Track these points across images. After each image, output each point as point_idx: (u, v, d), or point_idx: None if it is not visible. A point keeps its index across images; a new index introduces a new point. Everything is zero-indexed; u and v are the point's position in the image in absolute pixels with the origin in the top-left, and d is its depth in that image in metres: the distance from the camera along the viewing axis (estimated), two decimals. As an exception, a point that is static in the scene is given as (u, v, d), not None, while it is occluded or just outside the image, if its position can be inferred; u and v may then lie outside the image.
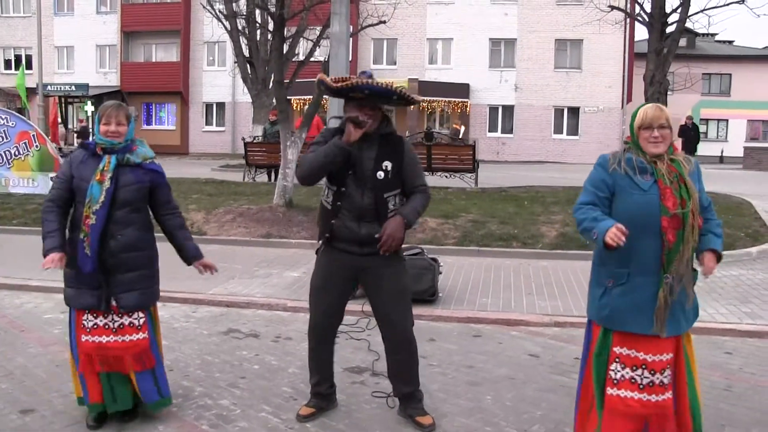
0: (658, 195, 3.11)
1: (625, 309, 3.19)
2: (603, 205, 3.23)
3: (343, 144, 3.63)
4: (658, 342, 3.18)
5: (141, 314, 3.84)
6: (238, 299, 6.81)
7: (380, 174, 3.72)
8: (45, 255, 3.60)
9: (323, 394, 4.04)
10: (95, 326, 3.73)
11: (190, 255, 4.15)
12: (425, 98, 28.93)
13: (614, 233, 2.98)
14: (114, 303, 3.72)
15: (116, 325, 3.76)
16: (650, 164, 3.17)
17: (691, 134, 23.15)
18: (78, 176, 3.67)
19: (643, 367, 3.21)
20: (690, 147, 22.40)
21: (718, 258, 3.27)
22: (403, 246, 3.94)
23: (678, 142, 21.14)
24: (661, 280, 3.14)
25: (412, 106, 4.07)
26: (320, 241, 3.97)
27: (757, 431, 3.90)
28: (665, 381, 3.22)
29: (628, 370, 3.22)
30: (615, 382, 3.24)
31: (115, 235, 3.70)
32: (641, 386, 3.20)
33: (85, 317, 3.73)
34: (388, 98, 3.72)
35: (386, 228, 3.65)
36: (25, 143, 13.57)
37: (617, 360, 3.25)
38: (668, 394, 3.22)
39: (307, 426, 3.88)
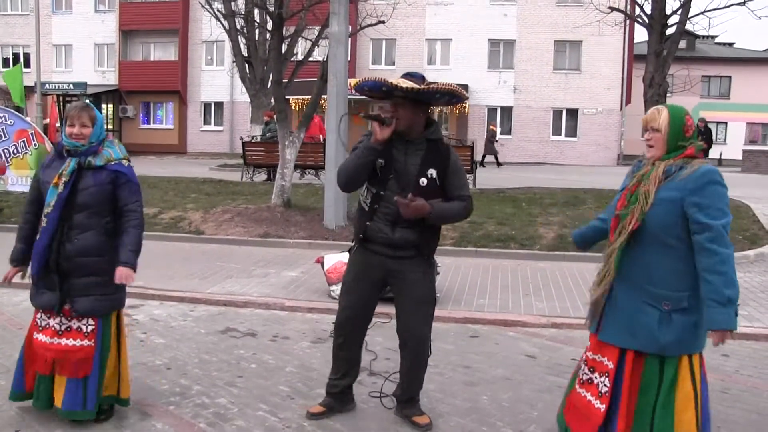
0: (619, 197, 3.17)
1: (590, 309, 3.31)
2: None
3: (372, 144, 3.59)
4: (600, 344, 3.17)
5: (91, 321, 3.72)
6: (235, 298, 6.81)
7: (423, 181, 3.65)
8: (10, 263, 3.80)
9: (338, 394, 4.01)
10: (46, 325, 3.76)
11: (118, 259, 3.69)
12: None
13: None
14: (68, 306, 3.68)
15: (63, 327, 3.71)
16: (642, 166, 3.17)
17: (702, 138, 22.12)
18: (43, 179, 3.70)
19: (585, 363, 3.27)
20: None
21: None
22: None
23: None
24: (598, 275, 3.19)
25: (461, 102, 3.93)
26: (354, 241, 3.93)
27: (753, 433, 3.92)
28: (602, 390, 3.11)
29: (597, 374, 3.20)
30: (582, 382, 3.30)
31: (71, 239, 3.63)
32: (582, 381, 3.27)
33: (39, 315, 3.80)
34: (386, 94, 3.65)
35: (417, 200, 3.54)
36: (23, 141, 13.56)
37: (585, 360, 3.33)
38: (599, 404, 3.10)
39: (304, 425, 3.88)
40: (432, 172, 3.68)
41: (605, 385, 3.10)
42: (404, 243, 3.69)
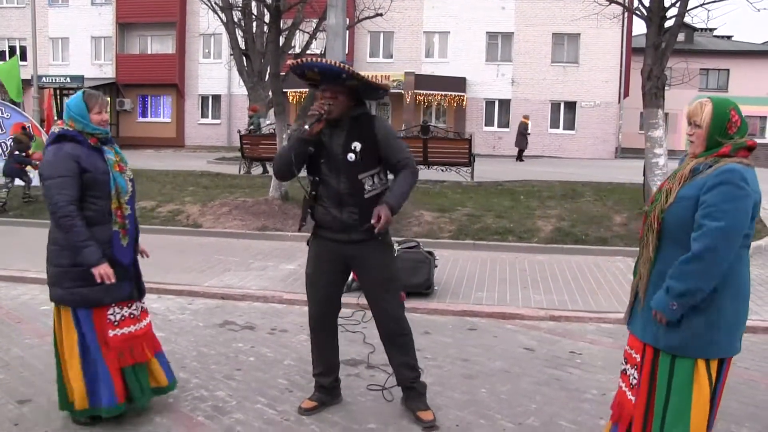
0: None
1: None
2: None
3: (302, 134, 3.66)
4: (632, 336, 3.16)
5: (144, 299, 3.93)
6: (233, 291, 6.82)
7: (351, 156, 3.69)
8: (92, 266, 3.46)
9: (326, 387, 4.03)
10: (122, 318, 3.70)
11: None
12: (424, 90, 28.90)
13: None
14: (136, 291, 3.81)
15: (139, 311, 3.81)
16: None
17: None
18: (94, 169, 3.52)
19: (624, 357, 3.23)
20: None
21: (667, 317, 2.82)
22: (399, 239, 3.95)
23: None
24: (633, 272, 3.18)
25: (376, 99, 3.96)
26: (301, 230, 4.04)
27: (750, 425, 3.93)
28: (632, 381, 3.12)
29: (629, 366, 3.21)
30: (624, 375, 3.28)
31: (137, 223, 3.81)
32: (621, 372, 3.26)
33: (111, 311, 3.65)
34: (338, 77, 3.61)
35: (379, 213, 3.57)
36: (20, 135, 13.50)
37: (625, 357, 3.27)
38: (630, 395, 3.11)
39: (303, 418, 3.89)
40: (356, 145, 3.70)
41: (635, 377, 3.11)
42: (354, 223, 3.71)
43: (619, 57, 30.02)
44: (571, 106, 30.94)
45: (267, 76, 13.97)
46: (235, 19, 16.98)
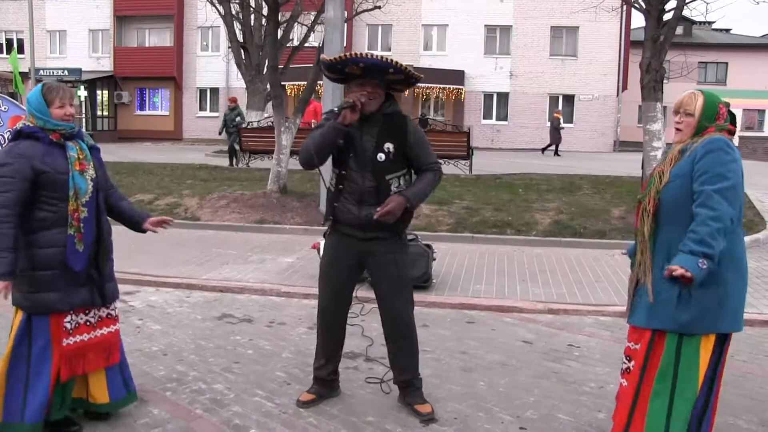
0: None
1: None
2: None
3: (338, 125, 3.56)
4: (634, 330, 3.19)
5: (115, 304, 3.69)
6: (231, 284, 6.81)
7: (381, 156, 3.65)
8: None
9: (325, 380, 4.03)
10: (77, 325, 3.46)
11: (141, 218, 3.75)
12: (422, 83, 28.82)
13: None
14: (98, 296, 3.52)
15: (96, 319, 3.55)
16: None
17: None
18: (51, 169, 3.28)
19: (627, 355, 3.25)
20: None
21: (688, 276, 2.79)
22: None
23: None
24: (632, 264, 3.21)
25: (405, 91, 3.95)
26: (326, 225, 3.94)
27: (747, 417, 3.93)
28: (622, 367, 3.21)
29: (626, 359, 3.27)
30: (622, 371, 3.31)
31: (102, 224, 3.52)
32: (621, 371, 3.28)
33: (67, 319, 3.41)
34: (385, 72, 3.60)
35: (388, 203, 3.56)
36: (17, 127, 13.49)
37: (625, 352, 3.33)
38: (625, 382, 3.17)
39: (300, 411, 3.89)
40: (389, 146, 3.67)
41: (631, 368, 3.15)
42: (374, 222, 3.65)
43: (617, 50, 29.99)
44: (569, 99, 30.92)
45: (265, 69, 13.94)
46: (233, 12, 16.91)
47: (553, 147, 25.11)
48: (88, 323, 3.51)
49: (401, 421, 3.77)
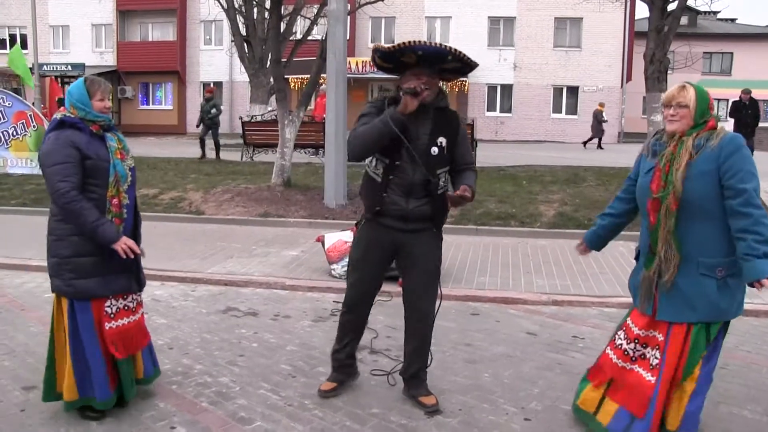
0: (651, 177, 3.16)
1: (635, 285, 3.37)
2: (634, 187, 3.39)
3: (398, 115, 3.49)
4: (653, 321, 3.26)
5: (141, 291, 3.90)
6: (236, 278, 6.83)
7: (434, 150, 3.62)
8: (112, 242, 3.41)
9: (343, 364, 4.02)
10: (118, 310, 3.65)
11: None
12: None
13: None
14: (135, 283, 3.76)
15: (134, 304, 3.77)
16: (664, 145, 3.18)
17: (746, 113, 16.49)
18: (95, 156, 3.45)
19: (636, 341, 3.34)
20: (745, 128, 16.06)
21: None
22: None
23: (729, 124, 17.26)
24: (648, 259, 3.23)
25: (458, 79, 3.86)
26: (362, 216, 3.88)
27: (751, 408, 3.94)
28: (652, 362, 3.24)
29: (625, 341, 3.38)
30: (615, 346, 3.44)
31: (138, 213, 3.77)
32: (633, 358, 3.34)
33: (108, 304, 3.59)
34: (443, 60, 3.54)
35: (466, 189, 3.49)
36: (22, 123, 13.54)
37: (624, 329, 3.42)
38: (650, 376, 3.22)
39: (305, 402, 3.91)
40: (442, 140, 3.64)
41: (656, 358, 3.22)
42: (419, 214, 3.66)
43: (621, 41, 29.85)
44: (573, 90, 30.81)
45: (268, 63, 13.94)
46: (236, 6, 16.90)
47: (596, 140, 24.61)
48: (126, 308, 3.71)
49: (406, 413, 3.79)
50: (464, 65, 3.62)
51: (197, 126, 18.36)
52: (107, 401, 3.61)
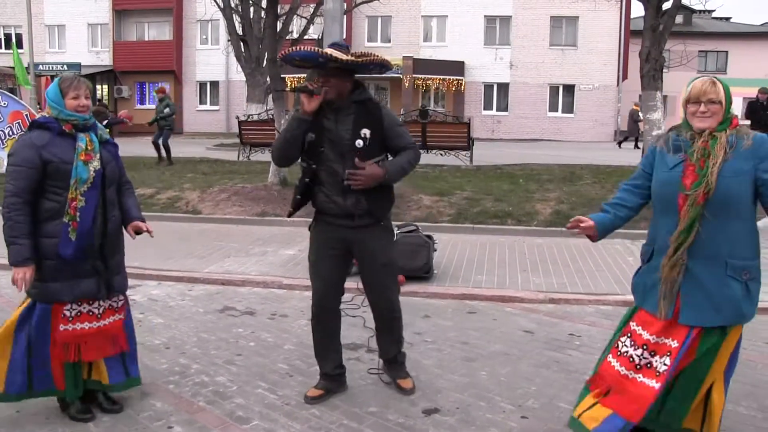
0: (681, 173, 3.04)
1: (645, 286, 3.19)
2: (647, 180, 3.25)
3: (300, 114, 3.61)
4: (668, 325, 3.10)
5: (121, 296, 3.78)
6: (233, 277, 6.83)
7: (359, 143, 3.67)
8: (13, 265, 3.32)
9: (330, 375, 4.03)
10: (78, 314, 3.57)
11: (130, 218, 3.77)
12: (422, 74, 28.75)
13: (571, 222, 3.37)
14: (104, 288, 3.62)
15: (101, 310, 3.65)
16: (690, 141, 3.08)
17: (764, 113, 16.01)
18: (57, 159, 3.36)
19: (644, 347, 3.17)
20: (765, 128, 14.33)
21: None
22: (398, 223, 3.95)
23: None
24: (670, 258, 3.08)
25: (386, 72, 3.92)
26: (290, 215, 4.05)
27: (746, 404, 3.96)
28: (660, 369, 3.10)
29: (631, 348, 3.19)
30: (618, 354, 3.23)
31: (109, 217, 3.60)
32: (638, 366, 3.17)
33: (68, 307, 3.53)
34: (322, 63, 3.60)
35: (366, 168, 3.59)
36: (18, 123, 13.52)
37: (629, 335, 3.23)
38: (654, 383, 3.09)
39: (303, 402, 3.91)
40: (365, 132, 3.68)
41: (664, 365, 3.07)
42: (360, 211, 3.72)
43: (617, 39, 29.93)
44: (569, 89, 30.88)
45: (265, 62, 13.93)
46: (232, 5, 16.86)
47: (632, 139, 24.39)
48: (90, 313, 3.61)
49: (403, 412, 3.80)
50: (350, 65, 3.63)
51: (149, 125, 17.29)
52: (17, 395, 3.57)
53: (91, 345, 3.61)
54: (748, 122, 14.41)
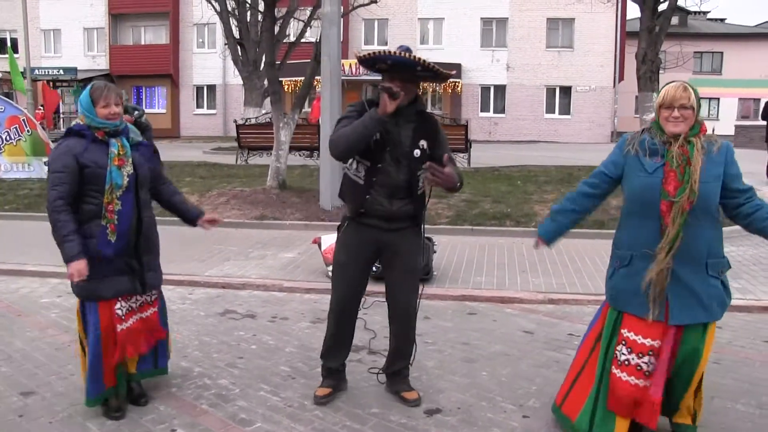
0: (662, 178, 3.09)
1: (628, 291, 3.24)
2: (609, 185, 3.41)
3: (379, 116, 3.55)
4: (660, 327, 3.17)
5: (154, 291, 4.03)
6: (233, 281, 6.85)
7: (417, 152, 3.69)
8: (68, 261, 3.49)
9: (334, 371, 4.05)
10: (128, 310, 3.79)
11: (194, 214, 4.32)
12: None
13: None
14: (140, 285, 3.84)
15: (138, 304, 3.88)
16: (664, 145, 3.14)
17: None
18: (93, 164, 3.53)
19: (651, 353, 3.20)
20: None
21: None
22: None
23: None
24: (656, 262, 3.14)
25: (438, 82, 3.92)
26: (343, 218, 3.91)
27: (744, 401, 3.99)
28: (648, 369, 3.21)
29: (634, 356, 3.22)
30: (619, 363, 3.26)
31: (143, 217, 3.81)
32: (647, 373, 3.21)
33: (118, 305, 3.72)
34: (412, 70, 3.59)
35: (446, 169, 3.54)
36: (15, 128, 13.51)
37: (624, 343, 3.26)
38: (644, 383, 3.20)
39: (305, 404, 3.93)
40: (423, 143, 3.72)
41: (651, 365, 3.20)
42: (402, 214, 3.74)
43: (613, 41, 30.02)
44: (566, 90, 30.95)
45: (262, 66, 13.99)
46: (229, 8, 16.91)
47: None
48: (130, 309, 3.82)
49: (405, 412, 3.82)
50: (435, 74, 3.65)
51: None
52: (96, 398, 3.72)
53: (139, 339, 3.85)
54: (765, 123, 13.97)
